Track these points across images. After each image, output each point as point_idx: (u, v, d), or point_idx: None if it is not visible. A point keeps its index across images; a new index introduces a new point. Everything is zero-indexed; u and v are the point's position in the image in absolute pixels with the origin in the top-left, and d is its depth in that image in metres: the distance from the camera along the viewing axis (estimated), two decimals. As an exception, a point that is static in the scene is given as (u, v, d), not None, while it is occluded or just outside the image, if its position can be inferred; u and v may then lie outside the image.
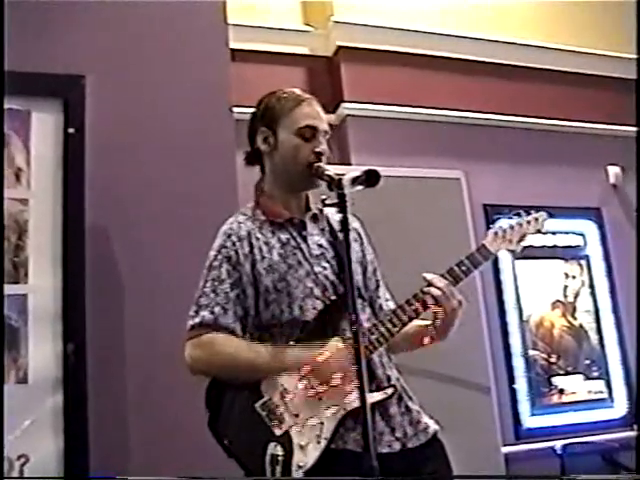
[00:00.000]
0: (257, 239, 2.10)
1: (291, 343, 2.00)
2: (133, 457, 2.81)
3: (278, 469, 1.85)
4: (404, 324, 2.04)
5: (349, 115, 4.60)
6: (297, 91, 2.22)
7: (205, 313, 2.02)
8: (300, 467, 1.85)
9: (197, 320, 2.03)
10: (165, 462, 2.75)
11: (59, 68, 2.95)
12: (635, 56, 4.64)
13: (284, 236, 2.12)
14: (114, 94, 3.06)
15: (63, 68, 2.96)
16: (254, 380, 1.96)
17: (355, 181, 1.81)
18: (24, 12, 2.97)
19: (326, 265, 2.10)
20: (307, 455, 1.86)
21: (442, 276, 2.07)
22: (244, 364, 1.98)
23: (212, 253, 2.11)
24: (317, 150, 2.09)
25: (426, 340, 2.13)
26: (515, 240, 2.23)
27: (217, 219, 2.23)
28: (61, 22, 3.09)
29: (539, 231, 2.29)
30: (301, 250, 2.10)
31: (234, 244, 2.09)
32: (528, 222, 2.27)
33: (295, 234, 2.13)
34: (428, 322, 2.12)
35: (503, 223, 2.25)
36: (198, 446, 2.19)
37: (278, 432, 1.90)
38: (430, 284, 2.05)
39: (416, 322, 2.12)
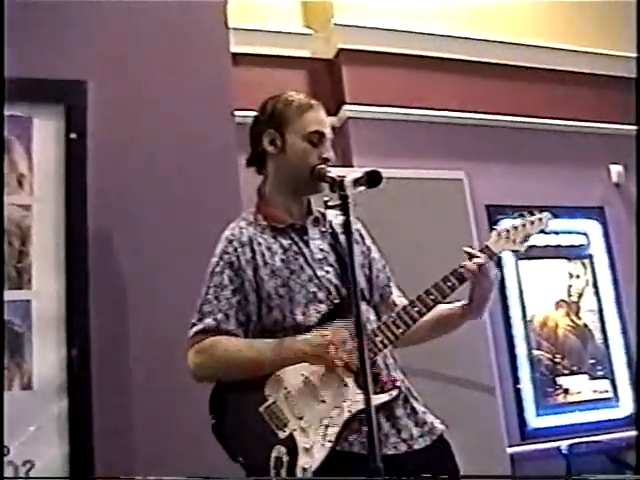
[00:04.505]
0: (259, 244, 2.10)
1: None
2: (138, 462, 2.81)
3: (283, 472, 1.85)
4: (408, 326, 2.04)
5: (350, 117, 4.60)
6: (304, 96, 2.23)
7: (208, 320, 2.03)
8: (305, 470, 1.85)
9: (200, 326, 2.03)
10: (171, 466, 2.75)
11: (61, 74, 2.95)
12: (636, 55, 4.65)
13: (286, 241, 2.12)
14: (116, 99, 3.07)
15: (65, 74, 2.96)
16: (259, 377, 1.97)
17: (357, 182, 1.81)
18: (26, 18, 2.98)
19: (329, 269, 2.10)
20: (312, 458, 1.86)
21: (446, 277, 2.08)
22: (247, 362, 1.99)
23: (214, 259, 2.11)
24: (324, 156, 2.11)
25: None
26: (519, 240, 2.22)
27: (220, 223, 2.23)
28: (62, 28, 3.10)
29: (543, 231, 2.28)
30: (303, 255, 2.10)
31: (236, 250, 2.09)
32: (532, 222, 2.25)
33: (297, 239, 2.13)
34: (460, 304, 2.16)
35: (507, 224, 2.24)
36: (204, 451, 2.18)
37: (282, 435, 1.90)
38: (470, 256, 2.08)
39: (446, 306, 2.15)
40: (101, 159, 2.96)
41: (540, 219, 2.26)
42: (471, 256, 2.09)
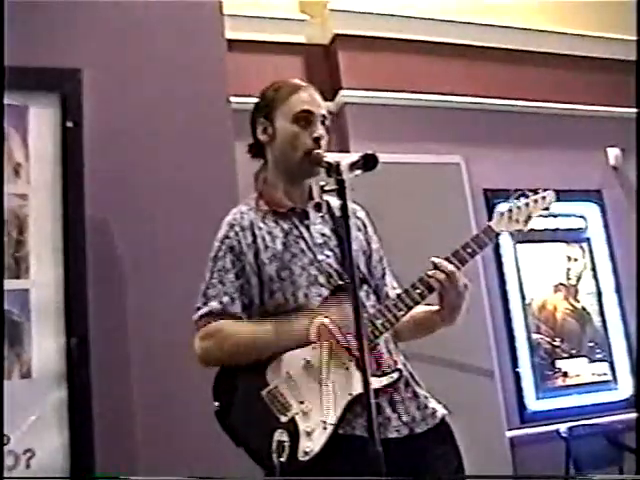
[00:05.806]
0: (260, 229, 2.10)
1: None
2: (139, 450, 2.82)
3: (284, 456, 1.85)
4: (409, 308, 2.03)
5: (347, 103, 4.60)
6: (293, 80, 2.22)
7: (213, 303, 2.03)
8: (306, 453, 1.85)
9: (206, 310, 2.03)
10: (171, 455, 2.76)
11: (56, 62, 2.94)
12: (635, 38, 4.63)
13: (287, 225, 2.11)
14: (111, 87, 3.06)
15: (60, 62, 2.95)
16: (261, 361, 1.97)
17: (353, 166, 1.80)
18: (20, 7, 2.96)
19: (329, 253, 2.10)
20: (313, 441, 1.87)
21: (447, 259, 2.06)
22: (253, 343, 1.99)
23: (216, 244, 2.11)
24: (315, 135, 2.09)
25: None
26: (522, 220, 2.20)
27: (217, 209, 2.23)
28: (57, 15, 3.08)
29: (547, 209, 2.26)
30: (304, 239, 2.10)
31: (237, 234, 2.09)
32: (535, 201, 2.24)
33: (298, 223, 2.12)
34: (435, 308, 2.12)
35: (509, 203, 2.22)
36: (205, 439, 2.19)
37: (284, 419, 1.90)
38: (436, 267, 2.04)
39: (423, 308, 2.13)
40: (97, 147, 2.94)
41: (543, 197, 2.25)
42: (437, 267, 2.04)
